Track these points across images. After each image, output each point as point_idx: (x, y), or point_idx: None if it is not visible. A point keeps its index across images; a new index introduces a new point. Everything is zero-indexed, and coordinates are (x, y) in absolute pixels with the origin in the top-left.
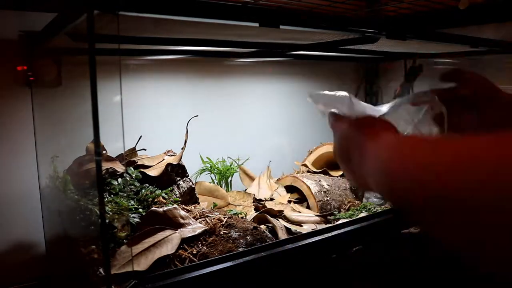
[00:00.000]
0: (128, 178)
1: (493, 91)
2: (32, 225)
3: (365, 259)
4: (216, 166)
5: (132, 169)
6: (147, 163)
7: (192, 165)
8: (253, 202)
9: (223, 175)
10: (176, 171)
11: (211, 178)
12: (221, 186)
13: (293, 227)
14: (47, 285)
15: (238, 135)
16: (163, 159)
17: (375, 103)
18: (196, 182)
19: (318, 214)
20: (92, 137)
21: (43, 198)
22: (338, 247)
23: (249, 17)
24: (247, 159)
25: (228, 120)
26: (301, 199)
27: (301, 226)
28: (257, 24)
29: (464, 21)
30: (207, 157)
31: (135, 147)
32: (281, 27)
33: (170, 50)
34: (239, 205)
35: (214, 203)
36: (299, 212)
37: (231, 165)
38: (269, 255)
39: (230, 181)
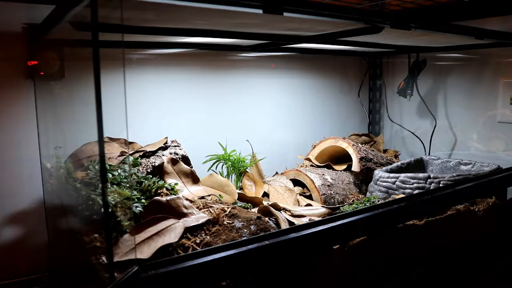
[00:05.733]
0: (127, 169)
1: None
2: (35, 216)
3: (367, 250)
4: (230, 156)
5: (131, 158)
6: (149, 149)
7: (197, 156)
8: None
9: (236, 167)
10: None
11: (219, 172)
12: (229, 178)
13: (296, 221)
14: (50, 277)
15: (241, 129)
16: (165, 144)
17: (379, 97)
18: (210, 174)
19: (323, 206)
20: (94, 129)
21: (45, 189)
22: (341, 238)
23: (252, 3)
24: (263, 158)
25: (232, 114)
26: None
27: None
28: (260, 11)
29: (469, 14)
30: (223, 148)
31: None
32: (285, 14)
33: (174, 43)
34: (246, 204)
35: (220, 195)
36: (305, 204)
37: (243, 160)
38: (273, 243)
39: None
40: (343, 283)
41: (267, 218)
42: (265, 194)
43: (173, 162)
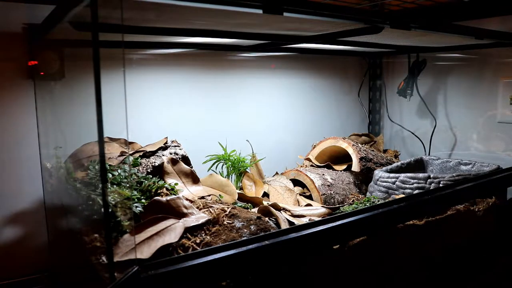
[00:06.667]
0: (127, 169)
1: None
2: (35, 216)
3: (367, 250)
4: (230, 156)
5: (131, 158)
6: (149, 149)
7: (197, 156)
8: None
9: (236, 167)
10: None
11: (219, 172)
12: (229, 178)
13: (296, 221)
14: (50, 277)
15: (241, 129)
16: (165, 144)
17: (379, 97)
18: (210, 174)
19: (323, 206)
20: (94, 129)
21: (45, 189)
22: (341, 238)
23: (252, 3)
24: (263, 158)
25: (232, 114)
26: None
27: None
28: (260, 11)
29: (469, 14)
30: (223, 149)
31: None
32: (285, 14)
33: (174, 43)
34: (246, 204)
35: (220, 195)
36: (306, 204)
37: (243, 160)
38: (273, 243)
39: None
40: (343, 283)
41: (267, 218)
42: (265, 194)
43: (173, 162)
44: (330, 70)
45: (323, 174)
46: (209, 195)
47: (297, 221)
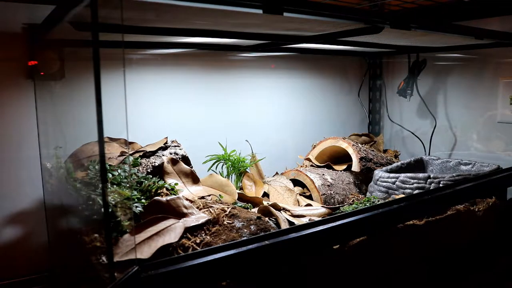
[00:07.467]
0: (127, 169)
1: None
2: (35, 216)
3: (367, 250)
4: (230, 156)
5: (131, 158)
6: (149, 149)
7: (197, 156)
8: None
9: (236, 167)
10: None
11: (219, 172)
12: (229, 178)
13: (296, 221)
14: (50, 277)
15: (241, 129)
16: (165, 144)
17: (379, 97)
18: (210, 174)
19: (323, 206)
20: (94, 129)
21: (45, 189)
22: (341, 238)
23: (252, 3)
24: (263, 158)
25: (232, 114)
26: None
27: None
28: (260, 11)
29: (469, 14)
30: (223, 148)
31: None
32: (285, 14)
33: (174, 43)
34: (246, 204)
35: (220, 195)
36: (306, 204)
37: (243, 160)
38: (273, 243)
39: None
40: (343, 283)
41: (267, 218)
42: (265, 194)
43: (173, 162)
44: (330, 70)
45: (323, 174)
46: (209, 195)
47: (297, 221)
